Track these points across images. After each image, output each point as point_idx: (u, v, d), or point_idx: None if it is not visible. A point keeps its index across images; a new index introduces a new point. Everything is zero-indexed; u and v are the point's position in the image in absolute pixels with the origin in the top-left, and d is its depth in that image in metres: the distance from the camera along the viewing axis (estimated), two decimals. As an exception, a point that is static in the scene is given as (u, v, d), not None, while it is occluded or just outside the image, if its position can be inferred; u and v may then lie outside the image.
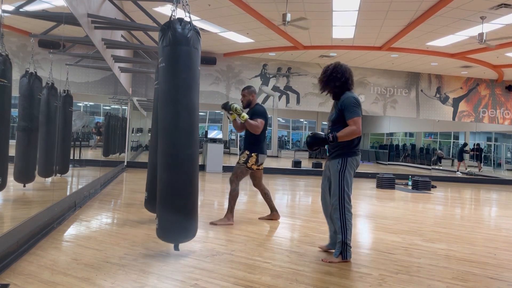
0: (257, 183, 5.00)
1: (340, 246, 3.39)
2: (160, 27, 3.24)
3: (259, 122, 4.67)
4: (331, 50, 11.70)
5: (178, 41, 3.14)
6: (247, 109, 4.91)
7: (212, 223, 4.64)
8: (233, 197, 4.74)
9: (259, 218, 5.11)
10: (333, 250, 3.60)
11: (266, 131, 4.90)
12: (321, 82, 3.56)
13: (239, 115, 4.55)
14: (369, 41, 10.71)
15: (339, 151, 3.43)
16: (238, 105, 4.58)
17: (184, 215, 3.18)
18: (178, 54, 3.16)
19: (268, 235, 4.43)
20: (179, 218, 3.16)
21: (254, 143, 4.78)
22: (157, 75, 4.34)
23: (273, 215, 5.09)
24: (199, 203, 6.23)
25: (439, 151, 19.32)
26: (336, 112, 3.47)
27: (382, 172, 11.60)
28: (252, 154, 4.75)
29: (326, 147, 3.62)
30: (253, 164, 4.76)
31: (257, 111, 4.78)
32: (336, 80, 3.46)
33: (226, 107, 4.56)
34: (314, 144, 3.49)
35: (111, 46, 6.74)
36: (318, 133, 3.53)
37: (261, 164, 4.87)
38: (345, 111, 3.38)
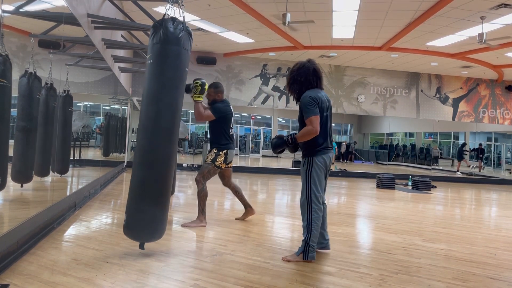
0: (227, 182, 4.85)
1: (302, 245, 3.36)
2: (152, 24, 3.21)
3: (206, 112, 4.45)
4: (331, 50, 11.70)
5: (168, 40, 3.12)
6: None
7: (184, 225, 4.46)
8: (201, 197, 4.53)
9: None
10: (324, 251, 3.63)
11: (231, 128, 4.64)
12: (287, 85, 3.59)
13: (195, 93, 4.11)
14: (369, 41, 10.70)
15: (305, 151, 3.43)
16: (204, 83, 4.12)
17: (152, 214, 3.11)
18: (167, 53, 3.13)
19: (268, 235, 4.43)
20: (147, 217, 3.10)
21: (219, 141, 4.57)
22: None
23: (248, 211, 4.93)
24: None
25: (436, 149, 19.08)
26: (299, 112, 3.46)
27: (382, 172, 11.60)
28: (220, 152, 4.56)
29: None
30: (221, 163, 4.57)
31: (214, 106, 4.55)
32: (297, 82, 3.47)
33: (188, 88, 4.02)
34: (278, 145, 3.47)
35: (111, 46, 6.73)
36: (282, 135, 3.51)
37: (230, 162, 4.70)
38: (303, 111, 3.38)
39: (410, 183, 10.35)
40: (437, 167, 17.69)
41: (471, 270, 3.40)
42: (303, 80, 3.45)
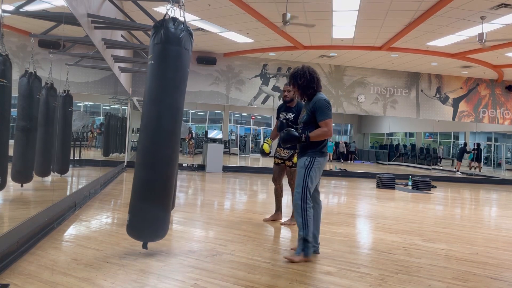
0: (280, 178, 5.00)
1: (302, 243, 3.35)
2: (153, 24, 3.21)
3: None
4: (331, 50, 11.70)
5: (169, 40, 3.12)
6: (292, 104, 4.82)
7: (283, 224, 4.82)
8: None
9: (264, 220, 5.03)
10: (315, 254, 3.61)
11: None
12: (301, 88, 3.54)
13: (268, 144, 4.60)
14: (369, 41, 10.71)
15: (309, 150, 3.48)
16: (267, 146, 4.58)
17: (155, 214, 3.13)
18: (168, 53, 3.13)
19: (268, 235, 4.43)
20: (150, 217, 3.13)
21: None
22: None
23: (278, 215, 5.08)
24: (199, 202, 6.25)
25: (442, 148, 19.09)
26: (307, 114, 3.51)
27: (382, 172, 11.60)
28: (294, 153, 4.79)
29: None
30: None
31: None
32: (316, 80, 3.53)
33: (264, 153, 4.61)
34: (288, 140, 3.51)
35: (111, 46, 6.73)
36: (292, 130, 3.53)
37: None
38: (317, 113, 3.43)
39: (410, 183, 10.35)
40: (437, 167, 17.69)
41: (471, 270, 3.40)
42: (319, 78, 3.56)
